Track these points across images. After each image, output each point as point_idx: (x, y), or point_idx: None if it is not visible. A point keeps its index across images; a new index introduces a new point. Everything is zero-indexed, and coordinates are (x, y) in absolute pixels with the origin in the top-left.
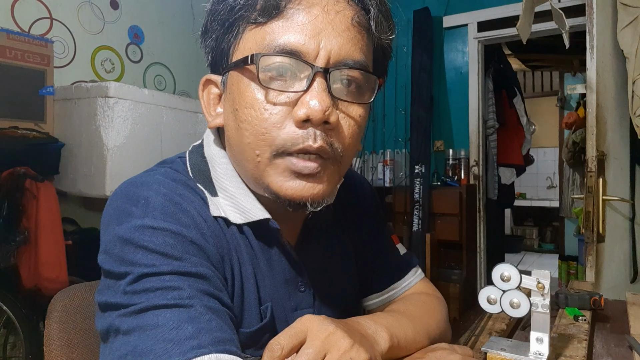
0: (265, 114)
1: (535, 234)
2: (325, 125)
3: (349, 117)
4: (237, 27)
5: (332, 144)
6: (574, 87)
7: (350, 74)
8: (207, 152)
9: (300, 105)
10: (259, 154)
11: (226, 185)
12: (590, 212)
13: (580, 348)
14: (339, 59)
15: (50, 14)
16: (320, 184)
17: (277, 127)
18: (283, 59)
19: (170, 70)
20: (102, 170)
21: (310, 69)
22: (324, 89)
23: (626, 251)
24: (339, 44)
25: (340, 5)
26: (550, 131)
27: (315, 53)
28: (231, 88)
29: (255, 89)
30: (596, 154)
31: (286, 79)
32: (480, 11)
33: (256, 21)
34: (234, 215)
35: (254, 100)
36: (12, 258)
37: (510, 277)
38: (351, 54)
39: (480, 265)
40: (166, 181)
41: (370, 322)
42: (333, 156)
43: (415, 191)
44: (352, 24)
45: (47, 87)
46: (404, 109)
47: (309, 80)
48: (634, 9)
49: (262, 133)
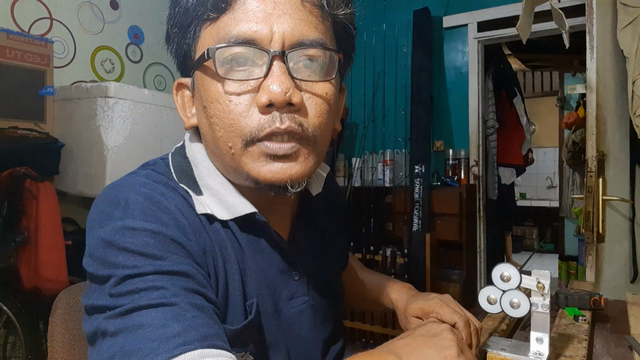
0: (231, 105)
1: (535, 234)
2: (290, 107)
3: (315, 96)
4: (193, 28)
5: (301, 124)
6: (573, 87)
7: (309, 52)
8: (189, 152)
9: (262, 91)
10: (231, 145)
11: (210, 183)
12: (590, 212)
13: (580, 348)
14: (293, 40)
15: (50, 14)
16: (297, 163)
17: (243, 117)
18: (238, 48)
19: (170, 70)
20: (102, 170)
21: (267, 55)
22: (283, 71)
23: (626, 251)
24: (291, 25)
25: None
26: (550, 131)
27: (269, 38)
28: (198, 87)
29: (217, 83)
30: (596, 154)
31: (246, 68)
32: (480, 11)
33: (209, 18)
34: (220, 212)
35: (218, 94)
36: (12, 258)
37: (510, 277)
38: (305, 34)
39: (480, 265)
40: (147, 182)
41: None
42: (305, 136)
43: (415, 191)
44: (302, 4)
45: (47, 87)
46: (404, 109)
47: (267, 66)
48: (633, 9)
49: (230, 125)
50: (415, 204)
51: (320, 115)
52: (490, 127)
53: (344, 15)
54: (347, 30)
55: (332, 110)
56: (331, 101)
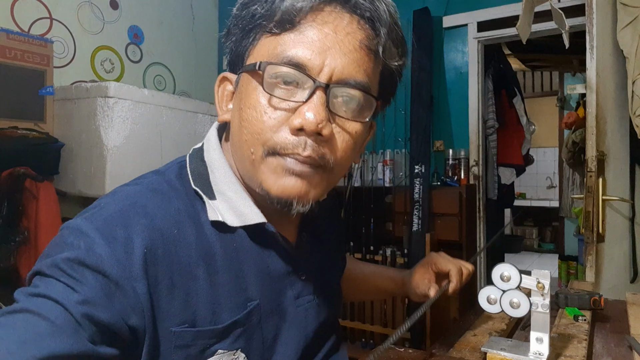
0: (265, 116)
1: (535, 234)
2: (318, 137)
3: (345, 132)
4: (254, 34)
5: (324, 155)
6: (573, 87)
7: (351, 92)
8: (207, 156)
9: (297, 114)
10: (253, 151)
11: (224, 189)
12: (590, 212)
13: (580, 348)
14: (341, 77)
15: (50, 14)
16: (309, 185)
17: (272, 130)
18: (289, 69)
19: (170, 70)
20: (102, 170)
21: (312, 83)
22: (322, 102)
23: (626, 251)
24: (343, 63)
25: (351, 27)
26: (550, 131)
27: (320, 69)
28: (241, 88)
29: (260, 93)
30: (596, 153)
31: (290, 89)
32: (480, 11)
33: (271, 31)
34: (231, 218)
35: (257, 103)
36: (12, 258)
37: (510, 277)
38: (354, 75)
39: (480, 265)
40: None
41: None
42: (323, 166)
43: (415, 191)
44: (359, 46)
45: (47, 87)
46: (403, 109)
47: (309, 93)
48: (633, 9)
49: (257, 132)
50: (415, 204)
51: (345, 150)
52: (490, 127)
53: (395, 65)
54: (394, 77)
55: (357, 148)
56: (358, 140)
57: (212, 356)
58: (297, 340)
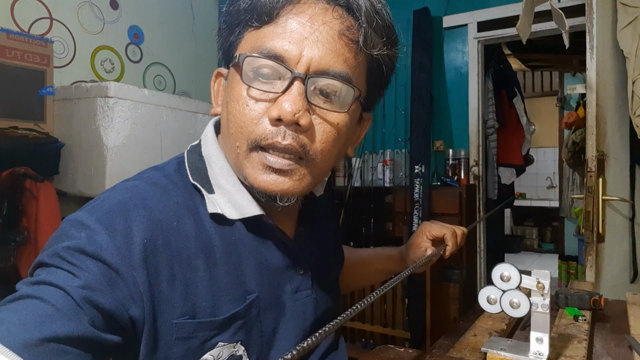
0: (246, 109)
1: (535, 234)
2: (297, 127)
3: (326, 122)
4: (239, 29)
5: (304, 145)
6: (573, 87)
7: (329, 82)
8: (205, 151)
9: (275, 105)
10: (238, 145)
11: (222, 182)
12: (590, 212)
13: (580, 348)
14: (319, 67)
15: (50, 14)
16: (291, 180)
17: (253, 122)
18: (266, 61)
19: (170, 70)
20: (102, 170)
21: (290, 74)
22: (299, 93)
23: (626, 251)
24: (321, 53)
25: (328, 16)
26: (550, 131)
27: (297, 59)
28: (228, 82)
29: (241, 86)
30: (596, 154)
31: (270, 81)
32: (480, 11)
33: (253, 25)
34: (229, 211)
35: (239, 96)
36: (12, 258)
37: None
38: (332, 65)
39: (480, 265)
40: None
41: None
42: (304, 156)
43: (415, 191)
44: (338, 36)
45: (47, 87)
46: (403, 109)
47: (287, 84)
48: (633, 9)
49: (241, 126)
50: (415, 204)
51: (326, 141)
52: (490, 127)
53: (380, 55)
54: (381, 68)
55: (341, 139)
56: (342, 130)
57: (213, 348)
58: (295, 334)
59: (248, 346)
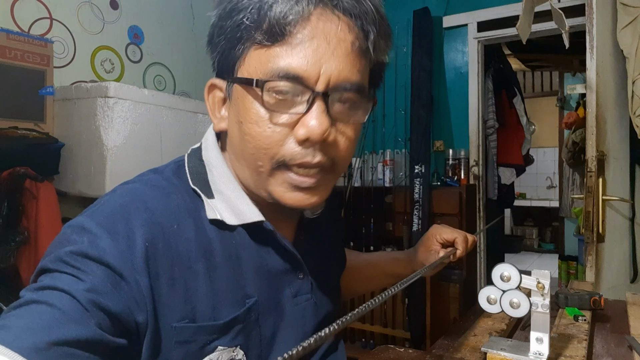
0: (268, 131)
1: (535, 234)
2: (323, 143)
3: (346, 134)
4: (242, 45)
5: (331, 158)
6: (573, 87)
7: (347, 95)
8: (205, 155)
9: (301, 125)
10: (261, 164)
11: (222, 188)
12: (590, 212)
13: (580, 348)
14: (337, 82)
15: (50, 14)
16: (318, 194)
17: (278, 144)
18: (286, 83)
19: (170, 70)
20: (102, 170)
21: (311, 93)
22: (322, 110)
23: (626, 251)
24: (338, 69)
25: (342, 33)
26: (550, 131)
27: (316, 78)
28: (236, 100)
29: (259, 108)
30: (596, 154)
31: (288, 101)
32: (480, 11)
33: (261, 43)
34: (229, 217)
35: (258, 118)
36: (12, 258)
37: (510, 277)
38: (349, 77)
39: (480, 265)
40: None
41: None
42: (330, 168)
43: (415, 191)
44: (351, 49)
45: (47, 87)
46: (403, 109)
47: (309, 103)
48: (633, 9)
49: (264, 147)
50: (415, 204)
51: (347, 150)
52: (490, 127)
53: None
54: (382, 67)
55: (356, 143)
56: (358, 136)
57: (212, 352)
58: (294, 338)
59: (247, 350)
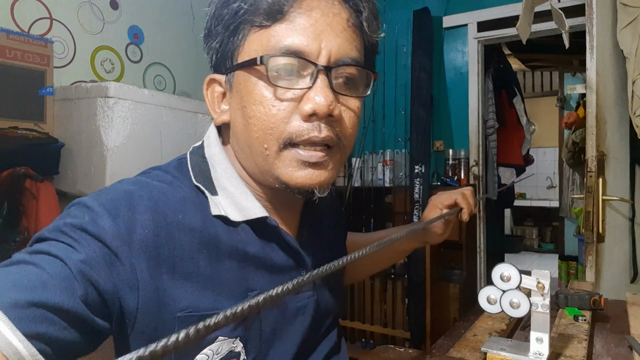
0: (273, 109)
1: (535, 234)
2: (329, 118)
3: (349, 109)
4: (241, 30)
5: (337, 134)
6: (573, 87)
7: (348, 70)
8: (208, 152)
9: (306, 100)
10: (267, 147)
11: (225, 184)
12: (590, 212)
13: (580, 348)
14: (338, 57)
15: (50, 14)
16: (326, 171)
17: (284, 122)
18: (289, 59)
19: (170, 70)
20: (102, 170)
21: (314, 67)
22: (326, 85)
23: (626, 251)
24: (338, 43)
25: (337, 8)
26: (550, 131)
27: (317, 53)
28: (238, 87)
29: (263, 87)
30: (596, 154)
31: (291, 78)
32: (480, 11)
33: (261, 24)
34: (233, 213)
35: (262, 98)
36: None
37: (510, 277)
38: (348, 52)
39: (480, 265)
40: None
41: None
42: (337, 144)
43: (415, 191)
44: (347, 25)
45: (47, 87)
46: (403, 109)
47: (312, 78)
48: (633, 9)
49: (270, 127)
50: (415, 204)
51: (352, 127)
52: (490, 127)
53: (376, 38)
54: (374, 50)
55: (359, 122)
56: (359, 114)
57: (212, 343)
58: (295, 335)
59: (247, 343)
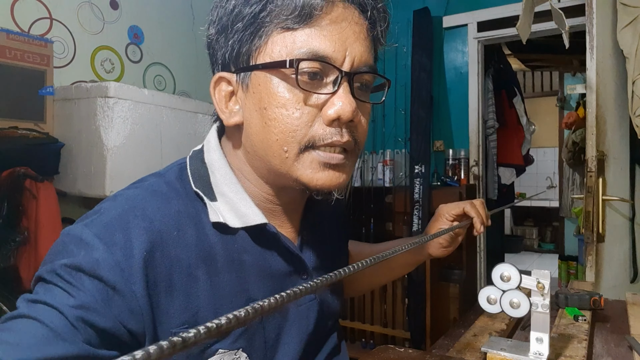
0: (297, 113)
1: (535, 234)
2: (349, 123)
3: (364, 114)
4: (263, 31)
5: (356, 139)
6: (573, 87)
7: (366, 77)
8: (207, 158)
9: (330, 105)
10: (287, 150)
11: (225, 190)
12: (590, 212)
13: (580, 348)
14: (359, 64)
15: (50, 14)
16: (344, 173)
17: (307, 126)
18: (315, 63)
19: (170, 70)
20: (102, 170)
21: (338, 73)
22: (349, 91)
23: (626, 251)
24: (360, 52)
25: (360, 18)
26: (550, 131)
27: (342, 59)
28: (257, 87)
29: (286, 90)
30: (596, 154)
31: (314, 82)
32: (480, 11)
33: (286, 27)
34: (232, 219)
35: (286, 101)
36: (12, 258)
37: (510, 277)
38: (367, 60)
39: (480, 265)
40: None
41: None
42: (354, 149)
43: (415, 191)
44: (367, 35)
45: (47, 87)
46: (403, 109)
47: (337, 83)
48: (633, 9)
49: (292, 130)
50: (415, 204)
51: (365, 132)
52: (490, 127)
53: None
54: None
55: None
56: (369, 119)
57: (213, 355)
58: (298, 339)
59: (251, 353)
